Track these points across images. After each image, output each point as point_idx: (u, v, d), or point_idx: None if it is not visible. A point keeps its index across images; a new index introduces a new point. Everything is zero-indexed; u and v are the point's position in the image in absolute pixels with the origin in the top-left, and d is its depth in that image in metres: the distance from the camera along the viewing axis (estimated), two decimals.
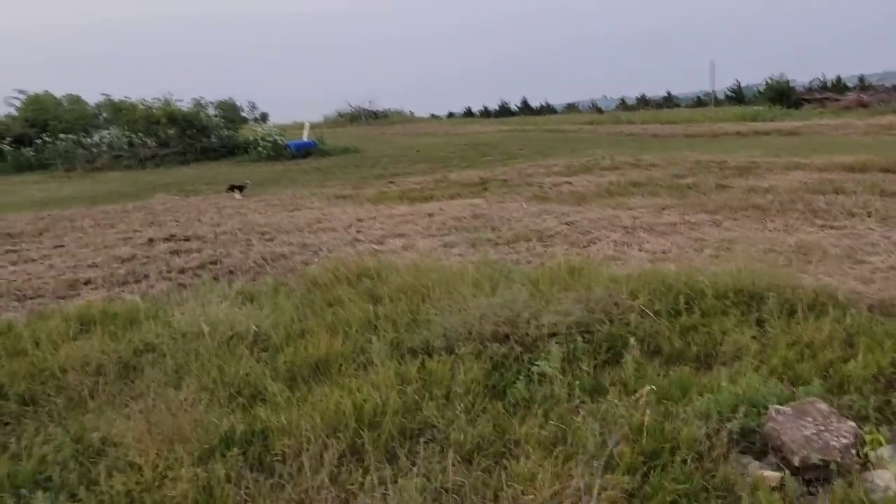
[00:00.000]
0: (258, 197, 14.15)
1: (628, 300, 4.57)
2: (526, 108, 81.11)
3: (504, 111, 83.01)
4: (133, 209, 13.41)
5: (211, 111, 25.15)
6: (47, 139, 23.56)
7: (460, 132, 32.27)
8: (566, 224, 8.64)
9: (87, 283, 7.06)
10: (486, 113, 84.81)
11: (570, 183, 12.58)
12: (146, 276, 7.15)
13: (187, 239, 9.19)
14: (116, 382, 4.09)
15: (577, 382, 3.66)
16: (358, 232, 9.01)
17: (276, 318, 4.64)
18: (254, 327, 4.44)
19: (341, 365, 4.06)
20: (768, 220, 8.23)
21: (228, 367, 4.04)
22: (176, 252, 8.32)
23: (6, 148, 23.18)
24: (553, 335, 4.11)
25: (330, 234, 8.97)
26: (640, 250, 6.97)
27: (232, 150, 23.62)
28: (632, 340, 4.00)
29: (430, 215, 9.86)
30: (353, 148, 23.26)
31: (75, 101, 26.77)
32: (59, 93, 27.09)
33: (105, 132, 24.02)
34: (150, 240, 9.30)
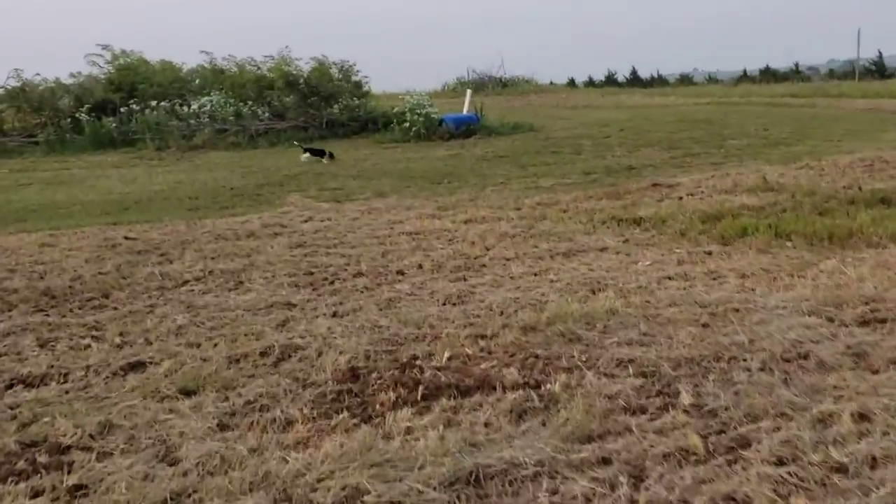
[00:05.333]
0: (452, 208, 8.51)
1: None
2: (635, 80, 74.30)
3: (611, 81, 76.36)
4: (262, 230, 7.89)
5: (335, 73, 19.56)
6: (135, 107, 18.44)
7: (626, 104, 25.99)
8: None
9: None
10: (590, 83, 78.16)
11: None
12: None
13: (455, 387, 3.47)
14: None
15: None
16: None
17: None
18: None
19: None
20: None
21: None
22: (475, 487, 2.59)
23: (84, 117, 18.15)
24: None
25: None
26: None
27: (365, 124, 18.02)
28: None
29: None
30: (527, 125, 17.35)
31: (168, 67, 21.56)
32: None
33: (206, 99, 18.74)
34: (356, 373, 3.64)
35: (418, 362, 3.71)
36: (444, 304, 4.94)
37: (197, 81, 20.92)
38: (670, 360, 3.56)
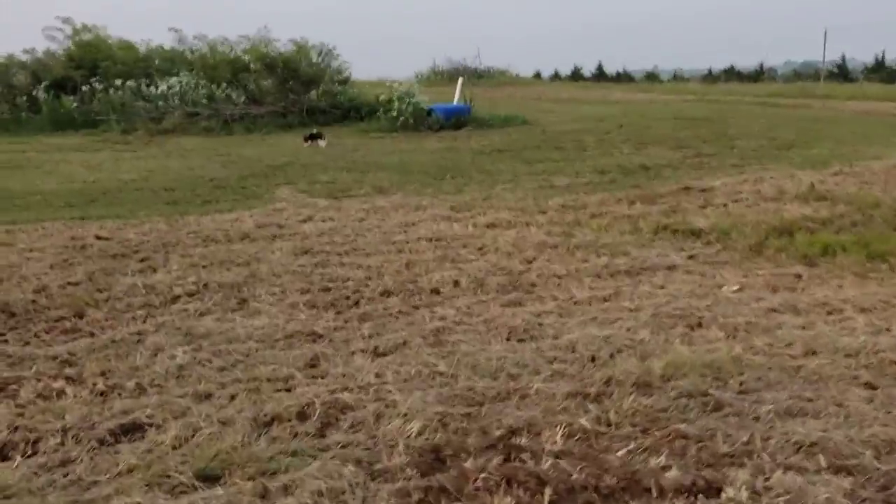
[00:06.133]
0: (467, 209, 7.62)
1: None
2: (601, 75, 74.31)
3: (577, 76, 76.34)
4: (256, 230, 6.86)
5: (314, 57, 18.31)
6: (97, 86, 17.07)
7: (612, 100, 25.25)
8: None
9: None
10: (556, 77, 78.09)
11: None
12: None
13: None
14: None
15: None
16: None
17: None
18: None
19: None
20: None
21: None
22: None
23: (42, 95, 16.72)
24: None
25: None
26: None
27: (347, 112, 16.92)
28: None
29: None
30: (519, 117, 16.43)
31: (125, 46, 20.01)
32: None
33: (174, 80, 17.44)
34: (439, 455, 2.70)
35: (522, 441, 2.74)
36: (510, 340, 3.99)
37: (157, 62, 19.44)
38: (864, 443, 2.66)
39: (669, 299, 4.56)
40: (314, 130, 13.85)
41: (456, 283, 5.12)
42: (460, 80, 17.46)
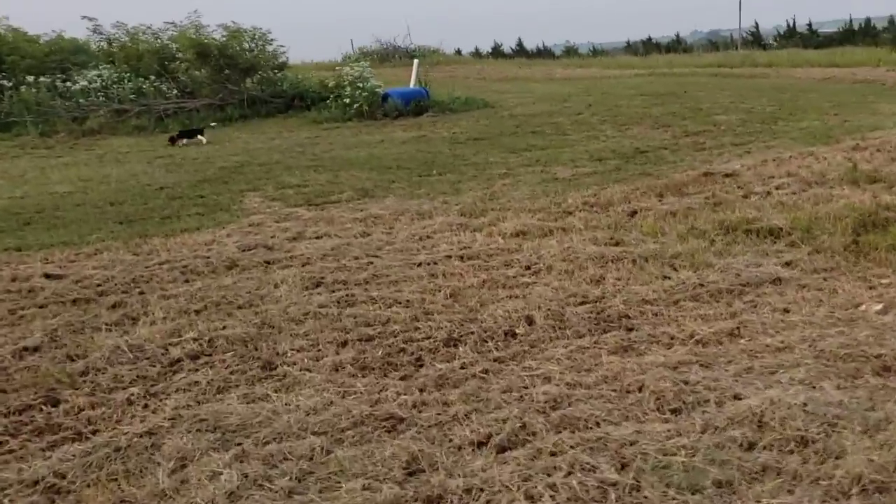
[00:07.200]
0: (479, 214, 6.62)
1: None
2: (521, 51, 74.09)
3: (497, 53, 75.97)
4: (243, 256, 5.69)
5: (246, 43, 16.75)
6: (6, 83, 15.24)
7: (559, 77, 24.47)
8: None
9: None
10: (477, 54, 77.45)
11: None
12: None
13: None
14: None
15: None
16: None
17: None
18: None
19: None
20: None
21: None
22: None
23: None
24: None
25: None
26: None
27: (291, 100, 15.56)
28: None
29: None
30: (480, 101, 15.39)
31: (30, 39, 17.98)
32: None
33: (94, 73, 15.74)
34: None
35: None
36: (661, 412, 2.98)
37: (72, 54, 17.60)
38: None
39: (817, 331, 3.64)
40: (188, 127, 13.06)
41: (529, 321, 4.09)
42: (416, 62, 16.26)
